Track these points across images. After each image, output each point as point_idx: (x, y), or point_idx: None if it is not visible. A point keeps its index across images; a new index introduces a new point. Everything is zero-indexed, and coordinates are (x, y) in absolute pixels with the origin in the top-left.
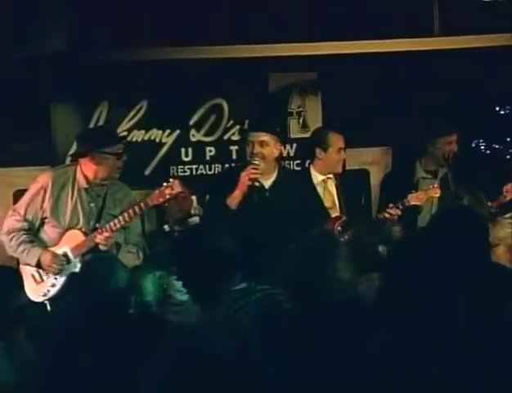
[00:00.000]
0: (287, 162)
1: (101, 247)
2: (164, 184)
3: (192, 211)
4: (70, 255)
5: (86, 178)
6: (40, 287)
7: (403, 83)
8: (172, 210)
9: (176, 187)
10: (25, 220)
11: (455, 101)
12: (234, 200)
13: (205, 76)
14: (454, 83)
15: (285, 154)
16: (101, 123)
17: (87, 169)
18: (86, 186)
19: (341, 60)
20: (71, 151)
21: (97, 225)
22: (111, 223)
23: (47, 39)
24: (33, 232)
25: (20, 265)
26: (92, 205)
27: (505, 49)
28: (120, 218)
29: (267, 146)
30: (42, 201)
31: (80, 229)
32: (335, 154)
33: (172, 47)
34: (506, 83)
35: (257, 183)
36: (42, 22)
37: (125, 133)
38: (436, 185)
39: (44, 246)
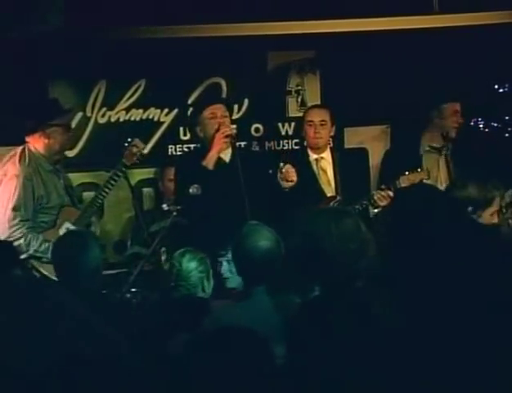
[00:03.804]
0: (285, 141)
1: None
2: (127, 145)
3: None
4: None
5: (44, 156)
6: None
7: (402, 61)
8: (168, 191)
9: (138, 143)
10: (27, 219)
11: (454, 79)
12: (210, 160)
13: (204, 55)
14: (452, 61)
15: (283, 132)
16: (98, 103)
17: (40, 146)
18: (51, 168)
19: (340, 38)
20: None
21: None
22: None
23: (45, 17)
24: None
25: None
26: (62, 181)
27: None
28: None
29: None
30: (33, 192)
31: (69, 205)
32: (306, 128)
33: (170, 26)
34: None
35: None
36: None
37: (123, 112)
38: (426, 168)
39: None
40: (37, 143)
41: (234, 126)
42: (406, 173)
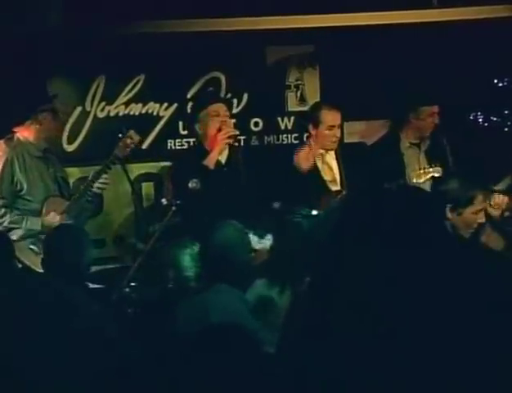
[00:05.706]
0: (284, 135)
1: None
2: (121, 136)
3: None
4: (59, 219)
5: (32, 144)
6: None
7: (401, 56)
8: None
9: (134, 135)
10: (2, 197)
11: (453, 73)
12: (212, 160)
13: (203, 49)
14: (452, 56)
15: (282, 127)
16: (98, 97)
17: (28, 134)
18: (40, 154)
19: (339, 32)
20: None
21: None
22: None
23: (44, 13)
24: (10, 207)
25: (16, 244)
26: (51, 170)
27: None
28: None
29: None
30: (13, 175)
31: (56, 195)
32: (326, 131)
33: (169, 20)
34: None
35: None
36: None
37: (123, 107)
38: (438, 164)
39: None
40: (25, 131)
41: (233, 120)
42: (418, 170)
